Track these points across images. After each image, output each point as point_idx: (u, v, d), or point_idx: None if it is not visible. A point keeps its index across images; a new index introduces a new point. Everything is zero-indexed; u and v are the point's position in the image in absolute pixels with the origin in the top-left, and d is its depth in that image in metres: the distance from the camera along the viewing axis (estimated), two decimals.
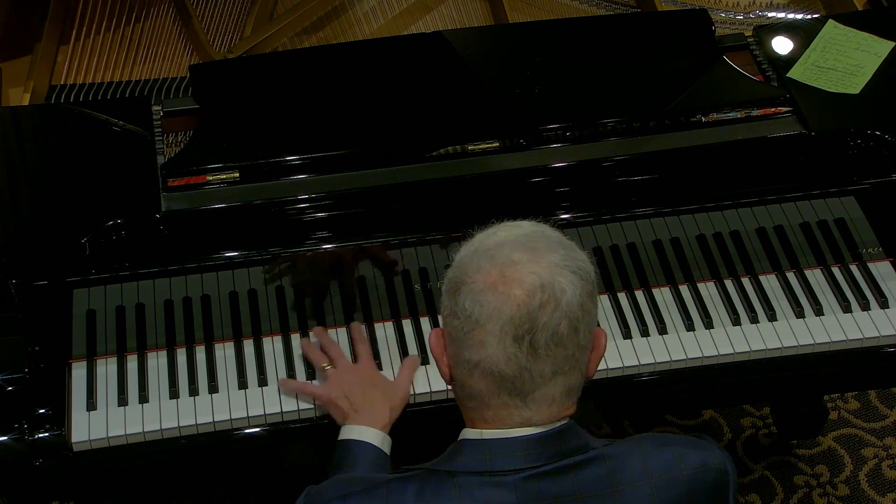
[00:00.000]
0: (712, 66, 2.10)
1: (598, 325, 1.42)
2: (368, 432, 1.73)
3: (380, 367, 1.92)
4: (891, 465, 2.78)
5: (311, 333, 1.94)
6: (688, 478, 1.39)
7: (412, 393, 1.88)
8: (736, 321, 1.98)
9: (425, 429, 1.90)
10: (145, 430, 1.84)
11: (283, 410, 1.87)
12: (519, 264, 1.34)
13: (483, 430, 1.38)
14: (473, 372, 1.36)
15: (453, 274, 1.39)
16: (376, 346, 1.95)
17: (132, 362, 1.92)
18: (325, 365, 1.87)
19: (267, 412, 1.87)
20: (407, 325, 1.98)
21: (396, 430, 1.86)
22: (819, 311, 1.99)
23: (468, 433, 1.40)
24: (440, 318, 1.43)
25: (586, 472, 1.37)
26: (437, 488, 1.36)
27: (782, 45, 2.17)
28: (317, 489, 1.43)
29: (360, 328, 1.93)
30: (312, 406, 1.88)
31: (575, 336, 1.34)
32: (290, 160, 1.94)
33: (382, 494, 1.38)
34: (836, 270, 2.05)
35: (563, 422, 1.38)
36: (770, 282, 2.04)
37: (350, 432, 1.74)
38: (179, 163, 1.93)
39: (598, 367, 1.89)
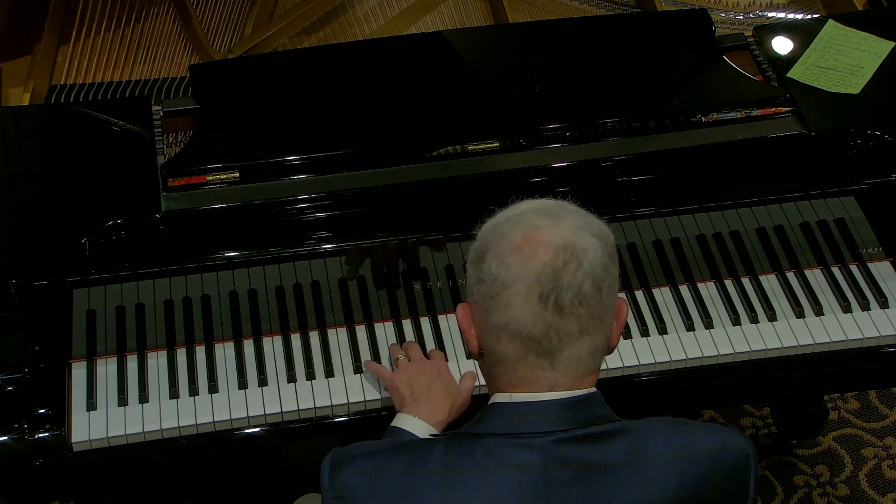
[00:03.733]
0: (712, 66, 2.10)
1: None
2: (420, 425, 1.73)
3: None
4: (891, 465, 2.78)
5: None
6: (709, 456, 1.41)
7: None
8: (736, 321, 1.98)
9: None
10: (145, 430, 1.84)
11: (283, 410, 1.87)
12: (541, 228, 1.37)
13: (513, 394, 1.40)
14: (501, 335, 1.38)
15: (477, 245, 1.42)
16: (376, 346, 1.95)
17: (132, 362, 1.92)
18: (399, 355, 1.88)
19: (267, 412, 1.87)
20: (407, 325, 1.98)
21: None
22: (819, 311, 2.00)
23: (498, 397, 1.42)
24: (466, 291, 1.45)
25: (611, 440, 1.39)
26: (462, 448, 1.38)
27: (782, 45, 2.17)
28: (343, 448, 1.45)
29: (436, 350, 1.93)
30: (312, 406, 1.88)
31: (598, 295, 1.37)
32: (290, 160, 1.94)
33: (408, 453, 1.40)
34: (836, 270, 2.05)
35: (590, 389, 1.41)
36: (770, 282, 2.04)
37: (402, 420, 1.74)
38: (179, 163, 1.93)
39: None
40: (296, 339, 1.96)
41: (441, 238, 1.94)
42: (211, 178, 1.92)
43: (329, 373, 1.92)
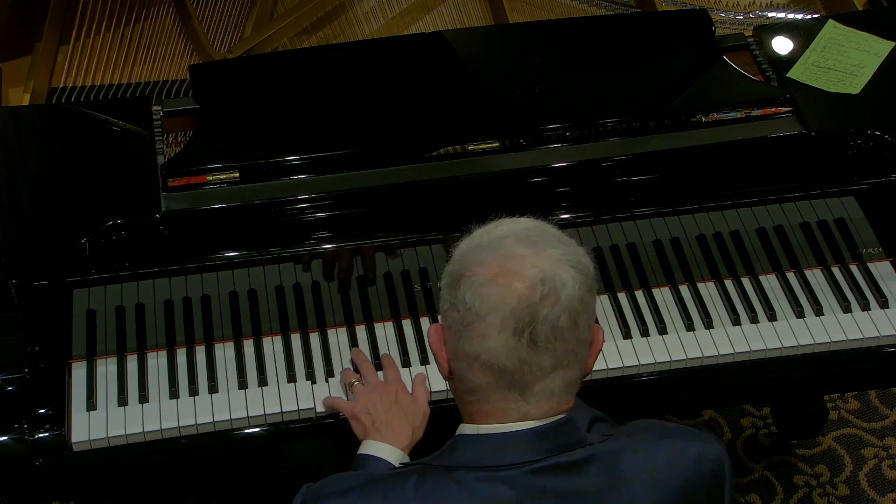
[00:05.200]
0: (712, 66, 2.10)
1: (597, 322, 1.42)
2: (386, 449, 1.72)
3: (378, 367, 1.91)
4: (891, 465, 2.78)
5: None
6: (686, 470, 1.40)
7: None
8: (736, 321, 1.98)
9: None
10: (145, 430, 1.84)
11: (283, 410, 1.87)
12: (521, 257, 1.34)
13: (480, 425, 1.39)
14: (473, 365, 1.36)
15: (453, 268, 1.39)
16: (376, 346, 1.95)
17: (132, 362, 1.92)
18: (353, 381, 1.87)
19: (267, 412, 1.87)
20: (407, 325, 1.98)
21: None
22: (819, 311, 1.99)
23: (465, 428, 1.41)
24: (439, 313, 1.43)
25: (586, 467, 1.37)
26: (435, 483, 1.36)
27: (782, 45, 2.17)
28: (315, 486, 1.43)
29: (388, 358, 1.92)
30: (312, 406, 1.88)
31: (575, 329, 1.35)
32: (290, 160, 1.94)
33: (381, 489, 1.38)
34: (836, 270, 2.05)
35: (560, 416, 1.39)
36: (770, 282, 2.04)
37: (368, 447, 1.73)
38: (179, 163, 1.93)
39: (598, 367, 1.91)
40: (296, 339, 1.96)
41: (441, 238, 1.94)
42: (211, 178, 1.92)
43: (329, 373, 1.92)
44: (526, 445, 1.36)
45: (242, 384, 1.90)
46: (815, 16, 2.30)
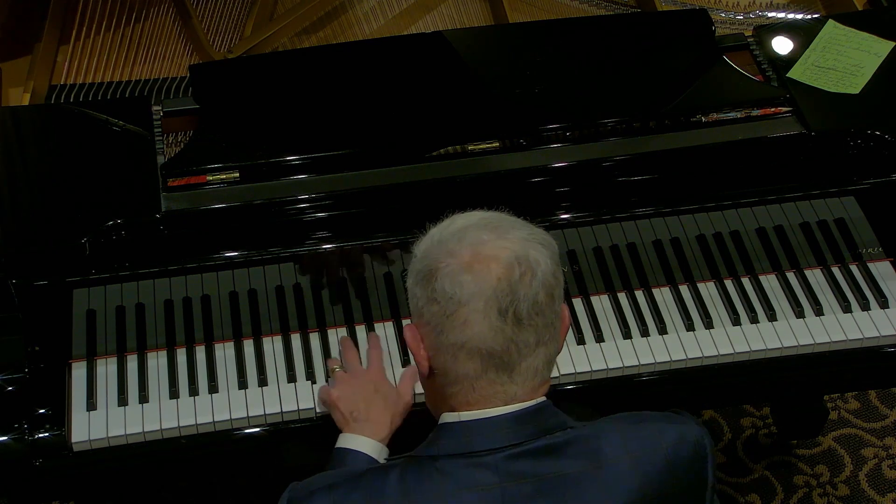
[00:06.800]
0: (712, 66, 2.10)
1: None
2: (366, 442, 1.73)
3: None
4: (891, 465, 2.78)
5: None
6: (666, 452, 1.42)
7: None
8: (736, 321, 1.98)
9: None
10: (145, 430, 1.84)
11: (283, 410, 1.87)
12: (488, 242, 1.38)
13: (461, 413, 1.40)
14: (459, 354, 1.37)
15: (421, 265, 1.41)
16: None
17: (132, 362, 1.92)
18: (335, 367, 1.87)
19: (267, 412, 1.87)
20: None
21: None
22: (819, 311, 2.00)
23: (446, 417, 1.42)
24: (412, 313, 1.44)
25: (566, 450, 1.39)
26: (418, 473, 1.38)
27: (782, 45, 2.17)
28: (300, 483, 1.45)
29: (376, 336, 1.94)
30: (312, 406, 1.88)
31: (552, 303, 1.38)
32: (290, 160, 1.94)
33: (365, 483, 1.40)
34: (836, 270, 2.05)
35: (540, 399, 1.41)
36: (770, 282, 2.04)
37: (347, 441, 1.74)
38: (179, 163, 1.93)
39: (598, 367, 1.91)
40: (296, 339, 1.96)
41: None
42: (211, 178, 1.92)
43: (330, 373, 1.92)
44: (507, 430, 1.38)
45: (242, 384, 1.90)
46: (815, 16, 2.30)
